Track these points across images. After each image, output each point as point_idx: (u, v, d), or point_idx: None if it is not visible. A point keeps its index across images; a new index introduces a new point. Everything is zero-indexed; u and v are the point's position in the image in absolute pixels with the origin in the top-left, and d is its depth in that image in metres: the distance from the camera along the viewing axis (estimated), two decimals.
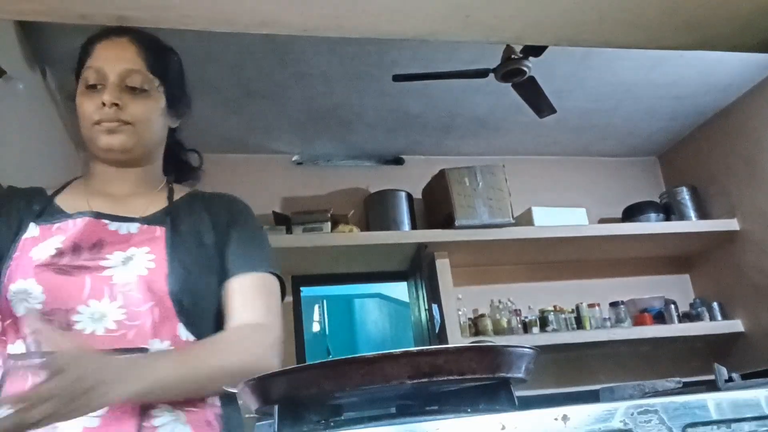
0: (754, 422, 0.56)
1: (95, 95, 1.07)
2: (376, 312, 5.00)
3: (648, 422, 0.53)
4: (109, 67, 1.07)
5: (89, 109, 1.07)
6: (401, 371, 0.57)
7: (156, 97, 1.12)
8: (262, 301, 1.06)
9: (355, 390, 0.58)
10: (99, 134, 1.07)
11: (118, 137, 1.07)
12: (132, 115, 1.07)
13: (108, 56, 1.09)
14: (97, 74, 1.07)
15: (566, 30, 1.57)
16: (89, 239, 1.01)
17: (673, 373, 1.56)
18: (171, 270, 1.00)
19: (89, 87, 1.08)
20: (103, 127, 1.06)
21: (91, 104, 1.07)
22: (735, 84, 3.24)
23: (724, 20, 1.56)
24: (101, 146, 1.08)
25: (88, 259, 0.99)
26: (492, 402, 0.64)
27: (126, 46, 1.11)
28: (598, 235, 3.30)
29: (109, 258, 1.00)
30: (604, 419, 0.53)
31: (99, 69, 1.07)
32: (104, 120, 1.06)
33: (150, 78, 1.11)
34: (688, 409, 0.54)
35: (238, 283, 1.07)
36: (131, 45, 1.11)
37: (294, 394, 0.61)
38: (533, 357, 0.64)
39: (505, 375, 0.62)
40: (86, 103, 1.07)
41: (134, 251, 1.01)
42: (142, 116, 1.09)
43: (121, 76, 1.07)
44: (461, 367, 0.59)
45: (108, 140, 1.07)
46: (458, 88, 3.00)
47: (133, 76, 1.08)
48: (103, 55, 1.09)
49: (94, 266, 0.99)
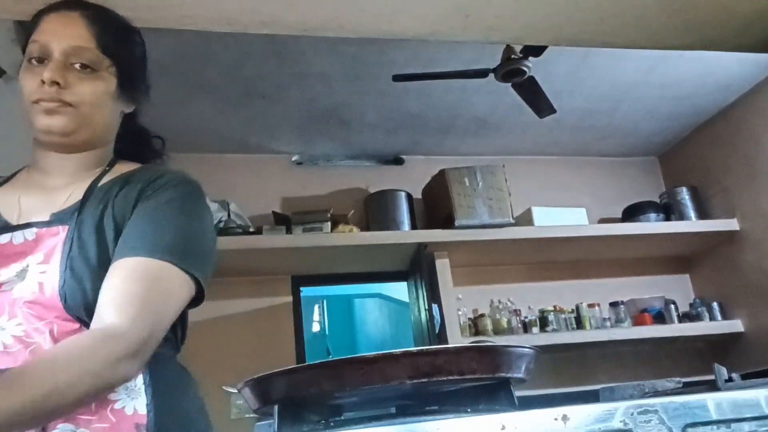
0: (754, 422, 0.56)
1: (38, 71, 0.97)
2: (376, 312, 5.00)
3: (648, 422, 0.53)
4: (54, 42, 0.97)
5: (30, 87, 0.97)
6: (401, 371, 0.57)
7: (105, 78, 1.00)
8: (135, 296, 0.84)
9: (355, 390, 0.58)
10: (37, 114, 0.97)
11: (58, 119, 0.97)
12: (75, 96, 0.97)
13: (54, 30, 0.99)
14: (41, 49, 0.98)
15: (566, 30, 1.57)
16: None
17: (673, 373, 1.56)
18: (64, 282, 0.87)
19: (31, 61, 0.98)
20: (41, 106, 0.96)
21: (32, 81, 0.97)
22: (735, 84, 3.24)
23: (724, 20, 1.56)
24: (39, 127, 0.97)
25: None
26: (492, 402, 0.64)
27: (75, 20, 1.00)
28: (598, 235, 3.30)
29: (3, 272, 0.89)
30: (604, 419, 0.53)
31: (44, 43, 0.98)
32: (43, 99, 0.96)
33: (100, 57, 1.00)
34: (688, 409, 0.54)
35: (115, 270, 0.87)
36: (81, 20, 1.00)
37: (294, 394, 0.61)
38: (533, 357, 0.64)
39: (505, 375, 0.62)
40: (27, 80, 0.98)
41: (29, 260, 0.90)
42: (87, 98, 0.98)
43: (66, 53, 0.97)
44: (461, 367, 0.59)
45: (47, 121, 0.97)
46: (458, 88, 3.00)
47: (79, 53, 0.98)
48: (50, 29, 0.99)
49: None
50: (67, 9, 1.01)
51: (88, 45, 0.99)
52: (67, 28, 0.99)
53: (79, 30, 0.99)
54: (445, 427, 0.51)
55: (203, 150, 3.37)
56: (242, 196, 3.24)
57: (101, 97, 1.00)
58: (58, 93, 0.96)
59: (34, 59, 0.99)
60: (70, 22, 1.00)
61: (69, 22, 1.00)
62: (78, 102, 0.97)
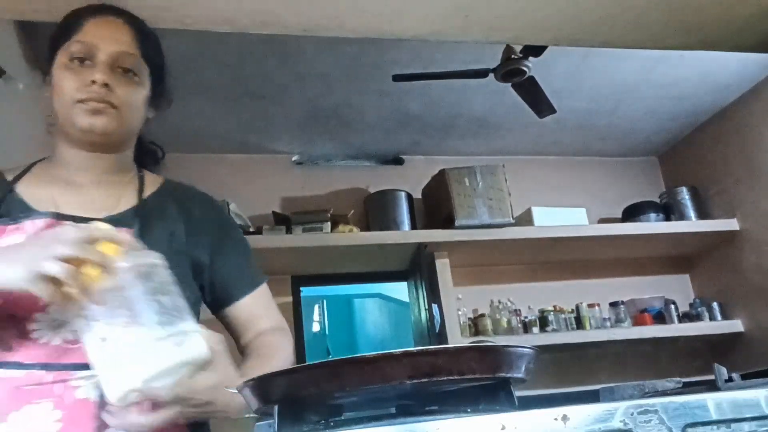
0: (754, 422, 0.56)
1: (81, 71, 1.00)
2: (376, 312, 5.00)
3: (648, 422, 0.53)
4: (102, 45, 1.01)
5: (72, 85, 0.99)
6: (401, 371, 0.57)
7: (144, 84, 1.06)
8: (273, 308, 1.14)
9: (355, 390, 0.58)
10: (81, 113, 0.99)
11: (102, 119, 1.00)
12: (119, 99, 1.01)
13: (102, 34, 1.02)
14: (86, 49, 1.00)
15: (566, 30, 1.57)
16: None
17: (673, 373, 1.56)
18: None
19: (74, 60, 1.01)
20: (88, 106, 0.99)
21: (76, 80, 0.99)
22: (735, 84, 3.24)
23: (724, 20, 1.56)
24: (82, 126, 1.00)
25: None
26: (492, 402, 0.64)
27: (121, 26, 1.05)
28: (598, 235, 3.29)
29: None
30: (604, 419, 0.53)
31: (91, 45, 1.00)
32: (91, 99, 0.99)
33: (141, 63, 1.05)
34: (688, 409, 0.54)
35: (251, 299, 1.11)
36: (126, 26, 1.05)
37: (294, 394, 0.61)
38: (533, 357, 0.64)
39: (505, 375, 0.62)
40: (70, 78, 1.00)
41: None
42: (129, 101, 1.03)
43: (114, 57, 1.01)
44: (461, 367, 0.59)
45: (91, 120, 0.99)
46: (458, 88, 3.00)
47: (125, 58, 1.03)
48: (97, 32, 1.02)
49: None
50: (112, 14, 1.06)
51: (132, 51, 1.04)
52: (114, 33, 1.03)
53: (125, 36, 1.04)
54: (445, 427, 0.51)
55: (203, 150, 3.37)
56: (242, 196, 3.24)
57: (139, 101, 1.06)
58: (106, 94, 1.00)
59: (76, 59, 1.01)
60: (117, 27, 1.05)
61: (116, 28, 1.04)
62: (121, 104, 1.02)
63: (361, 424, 0.60)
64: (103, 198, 1.03)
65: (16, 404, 0.85)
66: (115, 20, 1.05)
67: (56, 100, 1.02)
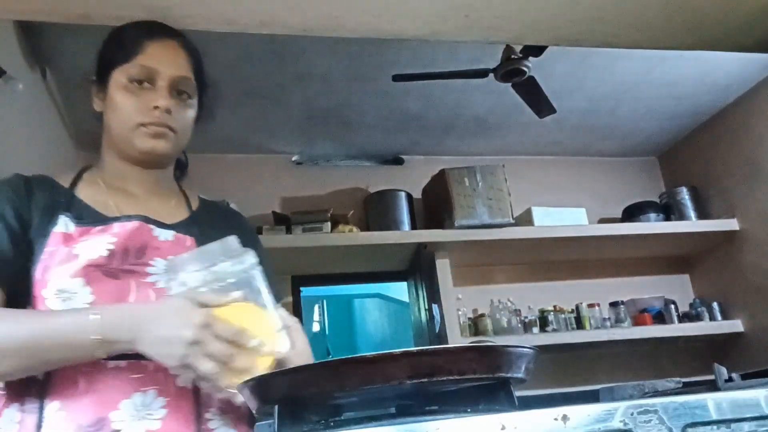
0: (753, 422, 0.56)
1: (142, 94, 1.03)
2: (376, 312, 4.99)
3: (648, 422, 0.53)
4: (163, 69, 1.04)
5: (133, 108, 1.02)
6: (401, 371, 0.57)
7: (194, 106, 1.11)
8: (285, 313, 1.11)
9: (355, 390, 0.58)
10: (143, 136, 1.03)
11: (162, 143, 1.04)
12: (177, 122, 1.05)
13: (161, 58, 1.05)
14: (148, 73, 1.03)
15: (566, 30, 1.57)
16: (135, 244, 0.98)
17: (673, 373, 1.56)
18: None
19: (132, 82, 1.03)
20: (150, 130, 1.03)
21: (137, 103, 1.03)
22: (735, 84, 3.24)
23: (724, 20, 1.56)
24: (143, 149, 1.04)
25: (133, 263, 0.97)
26: (492, 402, 0.64)
27: (178, 50, 1.08)
28: (598, 235, 3.29)
29: (153, 264, 0.98)
30: (604, 419, 0.53)
31: (152, 69, 1.03)
32: (154, 124, 1.03)
33: (195, 86, 1.09)
34: (688, 409, 0.54)
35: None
36: (182, 49, 1.09)
37: (294, 394, 0.61)
38: (533, 357, 0.64)
39: (505, 375, 0.62)
40: (130, 101, 1.03)
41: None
42: (186, 124, 1.08)
43: (174, 81, 1.05)
44: (461, 367, 0.59)
45: (153, 144, 1.03)
46: (458, 88, 3.00)
47: (183, 82, 1.06)
48: (157, 56, 1.04)
49: (139, 271, 0.97)
50: (169, 36, 1.09)
51: (189, 75, 1.08)
52: (173, 57, 1.07)
53: (182, 60, 1.08)
54: (445, 427, 0.51)
55: (203, 150, 3.37)
56: (242, 196, 3.24)
57: (192, 121, 1.11)
58: (167, 119, 1.04)
59: (136, 81, 1.04)
60: (176, 51, 1.08)
61: (175, 52, 1.08)
62: (178, 128, 1.06)
63: (361, 424, 0.60)
64: (159, 208, 1.07)
65: (126, 392, 0.90)
66: (171, 42, 1.08)
67: (113, 117, 1.05)
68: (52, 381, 0.90)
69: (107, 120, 1.07)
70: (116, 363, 0.91)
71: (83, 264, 0.92)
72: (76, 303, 0.91)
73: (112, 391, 0.89)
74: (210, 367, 0.82)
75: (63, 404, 0.88)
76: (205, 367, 0.82)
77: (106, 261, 0.94)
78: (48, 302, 0.92)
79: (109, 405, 0.88)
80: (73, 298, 0.91)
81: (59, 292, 0.91)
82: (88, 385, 0.89)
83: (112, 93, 1.04)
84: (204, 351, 0.83)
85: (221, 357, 0.83)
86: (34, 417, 0.88)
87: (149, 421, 0.89)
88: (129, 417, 0.88)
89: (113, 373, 0.90)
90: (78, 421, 0.87)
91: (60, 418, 0.87)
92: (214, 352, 0.83)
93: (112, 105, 1.04)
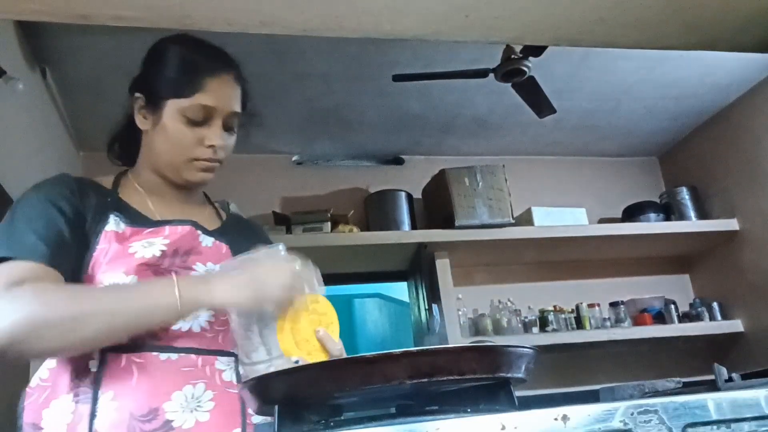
0: (754, 422, 0.56)
1: (197, 130, 1.06)
2: (376, 312, 4.99)
3: (648, 422, 0.53)
4: (220, 106, 1.06)
5: (187, 142, 1.06)
6: (401, 371, 0.57)
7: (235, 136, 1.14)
8: None
9: (355, 390, 0.58)
10: (194, 170, 1.08)
11: (210, 175, 1.10)
12: (224, 154, 1.10)
13: (220, 96, 1.07)
14: (206, 113, 1.06)
15: (566, 30, 1.57)
16: (184, 247, 1.03)
17: (673, 373, 1.56)
18: None
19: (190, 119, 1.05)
20: (201, 165, 1.08)
21: (192, 137, 1.06)
22: (735, 84, 3.24)
23: (724, 20, 1.56)
24: (192, 180, 1.09)
25: (179, 266, 1.02)
26: (492, 402, 0.64)
27: (233, 86, 1.10)
28: (598, 235, 3.29)
29: (195, 269, 1.03)
30: (604, 419, 0.53)
31: (210, 108, 1.06)
32: (207, 160, 1.07)
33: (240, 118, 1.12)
34: (688, 409, 0.54)
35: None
36: (236, 83, 1.11)
37: (294, 394, 0.61)
38: (533, 357, 0.64)
39: (505, 375, 0.62)
40: (185, 134, 1.06)
41: (211, 266, 1.05)
42: (229, 153, 1.12)
43: (228, 118, 1.08)
44: (461, 367, 0.59)
45: (202, 176, 1.09)
46: (458, 88, 3.00)
47: (234, 118, 1.10)
48: (215, 93, 1.06)
49: (183, 274, 1.00)
50: (226, 70, 1.10)
51: (239, 110, 1.11)
52: (230, 94, 1.09)
53: (236, 95, 1.11)
54: (445, 427, 0.51)
55: None
56: (242, 196, 3.24)
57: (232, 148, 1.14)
58: (216, 154, 1.08)
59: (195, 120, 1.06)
60: (232, 87, 1.10)
61: (231, 88, 1.10)
62: (223, 159, 1.11)
63: (361, 424, 0.60)
64: (199, 215, 1.12)
65: (178, 384, 0.94)
66: (228, 78, 1.09)
67: (163, 145, 1.07)
68: (106, 372, 0.93)
69: (155, 143, 1.09)
70: (168, 356, 0.95)
71: (138, 262, 0.97)
72: None
73: (165, 383, 0.93)
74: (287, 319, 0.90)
75: (117, 394, 0.91)
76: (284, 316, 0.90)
77: (157, 261, 0.99)
78: None
79: (162, 396, 0.92)
80: None
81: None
82: (141, 376, 0.93)
83: (165, 121, 1.06)
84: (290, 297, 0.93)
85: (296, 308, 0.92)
86: (87, 407, 0.91)
87: (200, 413, 0.93)
88: (180, 408, 0.92)
89: (165, 366, 0.95)
90: (132, 411, 0.90)
91: (113, 408, 0.90)
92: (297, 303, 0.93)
93: (165, 133, 1.07)
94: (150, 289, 0.93)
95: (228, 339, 1.01)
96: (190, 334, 0.99)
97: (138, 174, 1.14)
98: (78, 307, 0.89)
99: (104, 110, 2.83)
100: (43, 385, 0.96)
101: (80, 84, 2.70)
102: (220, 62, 1.11)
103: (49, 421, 0.93)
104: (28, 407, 0.96)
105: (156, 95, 1.07)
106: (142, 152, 1.14)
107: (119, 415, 0.90)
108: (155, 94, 1.08)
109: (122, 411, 0.90)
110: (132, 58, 1.16)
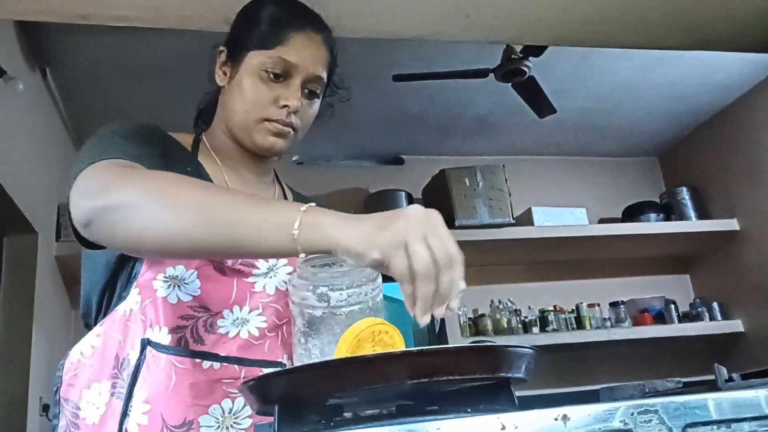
0: (754, 422, 0.56)
1: (273, 87, 0.97)
2: None
3: (648, 422, 0.53)
4: (301, 65, 0.97)
5: (263, 100, 0.97)
6: (401, 371, 0.57)
7: (318, 102, 1.05)
8: None
9: (355, 390, 0.58)
10: (264, 132, 0.99)
11: (281, 141, 1.01)
12: (300, 122, 1.01)
13: (303, 53, 0.98)
14: (286, 68, 0.97)
15: (566, 30, 1.57)
16: None
17: (673, 373, 1.56)
18: None
19: (268, 73, 0.97)
20: (273, 127, 0.99)
21: (267, 95, 0.97)
22: (735, 84, 3.24)
23: (724, 20, 1.56)
24: (261, 144, 1.00)
25: (242, 263, 0.92)
26: (492, 402, 0.64)
27: (320, 46, 1.01)
28: (598, 235, 3.29)
29: (258, 266, 0.93)
30: (604, 419, 0.53)
31: (291, 63, 0.97)
32: (279, 122, 0.98)
33: (324, 84, 1.03)
34: (688, 409, 0.54)
35: None
36: (323, 45, 1.02)
37: (294, 394, 0.61)
38: (533, 357, 0.64)
39: (505, 375, 0.62)
40: (260, 91, 0.97)
41: (275, 261, 0.94)
42: (306, 123, 1.04)
43: (308, 79, 0.99)
44: (461, 367, 0.59)
45: (272, 141, 1.00)
46: (458, 88, 3.00)
47: (316, 81, 1.01)
48: (299, 49, 0.98)
49: (245, 272, 0.92)
50: (314, 30, 1.01)
51: (323, 74, 1.02)
52: (314, 54, 1.00)
53: (322, 57, 1.01)
54: (445, 427, 0.51)
55: None
56: None
57: (311, 121, 1.06)
58: (291, 118, 0.99)
59: (272, 73, 0.98)
60: (318, 48, 1.01)
61: (317, 48, 1.01)
62: (299, 127, 1.02)
63: (361, 424, 0.60)
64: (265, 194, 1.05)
65: (217, 396, 0.87)
66: (316, 37, 1.01)
67: (238, 101, 1.00)
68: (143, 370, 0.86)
69: (230, 100, 1.01)
70: (211, 364, 0.88)
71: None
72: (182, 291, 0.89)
73: (204, 394, 0.86)
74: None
75: (151, 396, 0.85)
76: (420, 264, 0.73)
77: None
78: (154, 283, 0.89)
79: (199, 409, 0.86)
80: (180, 285, 0.89)
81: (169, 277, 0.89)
82: (180, 382, 0.85)
83: (242, 75, 0.99)
84: (424, 246, 0.73)
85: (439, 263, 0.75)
86: (120, 403, 0.86)
87: (236, 430, 0.86)
88: (216, 423, 0.86)
89: (207, 375, 0.87)
90: (165, 419, 0.84)
91: (145, 412, 0.84)
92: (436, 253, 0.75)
93: (240, 88, 0.99)
94: (271, 206, 0.79)
95: (275, 347, 0.92)
96: (236, 341, 0.90)
97: (213, 136, 1.06)
98: (184, 195, 0.77)
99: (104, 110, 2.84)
100: (85, 363, 0.91)
101: (80, 84, 2.70)
102: (310, 20, 1.02)
103: (87, 403, 0.88)
104: (67, 382, 0.90)
105: (237, 46, 1.01)
106: (217, 112, 1.07)
107: (151, 419, 0.84)
108: (237, 45, 1.01)
109: (155, 416, 0.84)
110: (132, 58, 1.16)
